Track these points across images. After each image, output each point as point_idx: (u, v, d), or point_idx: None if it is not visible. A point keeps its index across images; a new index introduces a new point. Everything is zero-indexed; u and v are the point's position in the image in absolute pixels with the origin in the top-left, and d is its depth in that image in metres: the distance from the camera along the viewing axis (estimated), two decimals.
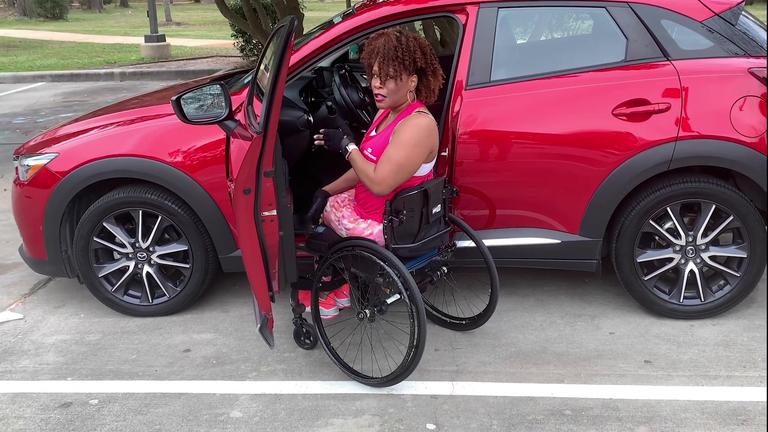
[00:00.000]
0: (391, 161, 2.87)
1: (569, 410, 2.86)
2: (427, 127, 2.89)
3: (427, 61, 2.92)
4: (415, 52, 2.88)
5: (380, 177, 2.89)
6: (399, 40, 2.89)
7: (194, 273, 3.74)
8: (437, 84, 2.98)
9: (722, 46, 3.31)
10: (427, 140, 2.88)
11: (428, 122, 2.90)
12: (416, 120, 2.90)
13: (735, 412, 2.81)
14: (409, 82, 2.94)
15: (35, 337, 3.67)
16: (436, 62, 2.96)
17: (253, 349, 3.45)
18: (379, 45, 2.90)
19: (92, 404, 3.05)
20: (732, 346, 3.28)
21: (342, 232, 3.12)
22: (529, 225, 3.51)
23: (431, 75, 2.96)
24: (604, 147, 3.30)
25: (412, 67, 2.91)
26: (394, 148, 2.87)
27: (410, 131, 2.87)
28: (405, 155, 2.86)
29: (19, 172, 3.85)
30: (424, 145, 2.87)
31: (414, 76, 2.94)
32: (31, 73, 13.38)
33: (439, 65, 2.98)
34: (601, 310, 3.68)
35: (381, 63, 2.89)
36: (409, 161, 2.87)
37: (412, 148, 2.86)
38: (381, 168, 2.89)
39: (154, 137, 3.62)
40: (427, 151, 2.90)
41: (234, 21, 11.06)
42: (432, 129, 2.90)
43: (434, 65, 2.95)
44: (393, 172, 2.87)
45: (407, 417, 2.87)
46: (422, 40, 2.96)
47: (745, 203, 3.31)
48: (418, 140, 2.86)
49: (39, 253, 3.85)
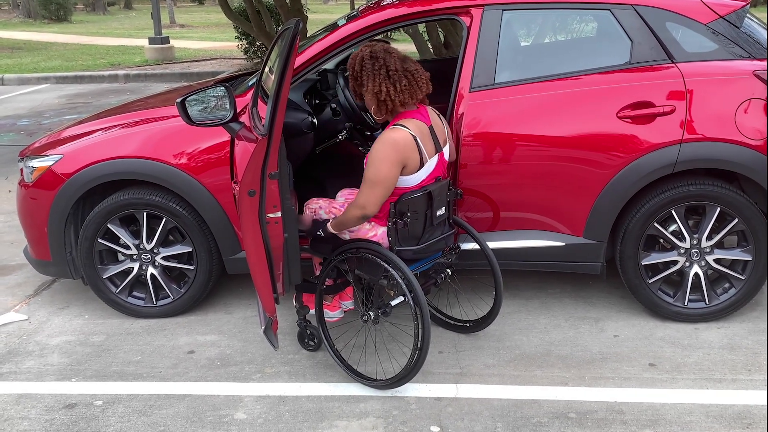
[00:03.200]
0: (366, 181, 2.89)
1: (574, 413, 2.86)
2: (392, 141, 2.85)
3: (357, 76, 2.97)
4: (350, 67, 2.97)
5: (362, 201, 2.91)
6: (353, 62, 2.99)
7: (198, 275, 3.74)
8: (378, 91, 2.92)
9: (727, 48, 3.31)
10: (394, 154, 2.84)
11: (395, 136, 2.87)
12: (384, 136, 2.89)
13: (740, 415, 2.80)
14: (367, 96, 2.99)
15: (40, 338, 3.67)
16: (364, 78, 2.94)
17: (257, 350, 3.45)
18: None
19: (97, 405, 3.06)
20: (737, 349, 3.28)
21: (345, 234, 3.13)
22: (534, 227, 3.51)
23: (363, 86, 2.96)
24: (609, 149, 3.30)
25: (359, 83, 2.99)
26: (367, 167, 2.90)
27: (376, 147, 2.88)
28: (374, 171, 2.86)
29: (24, 174, 3.86)
30: (391, 159, 2.84)
31: (363, 88, 2.98)
32: (35, 75, 13.42)
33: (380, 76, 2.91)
34: (605, 312, 3.68)
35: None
36: (379, 177, 2.85)
37: (379, 164, 2.85)
38: (361, 191, 2.92)
39: (159, 139, 3.62)
40: (397, 165, 2.86)
41: (238, 23, 11.07)
42: (398, 142, 2.86)
43: (361, 81, 2.96)
44: (369, 190, 2.88)
45: (411, 419, 2.87)
46: (364, 53, 2.96)
47: (749, 206, 3.31)
48: (384, 155, 2.85)
49: (43, 255, 3.85)
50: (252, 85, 3.65)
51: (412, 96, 2.97)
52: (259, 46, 13.19)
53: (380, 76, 2.92)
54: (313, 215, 3.28)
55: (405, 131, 2.89)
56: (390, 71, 2.93)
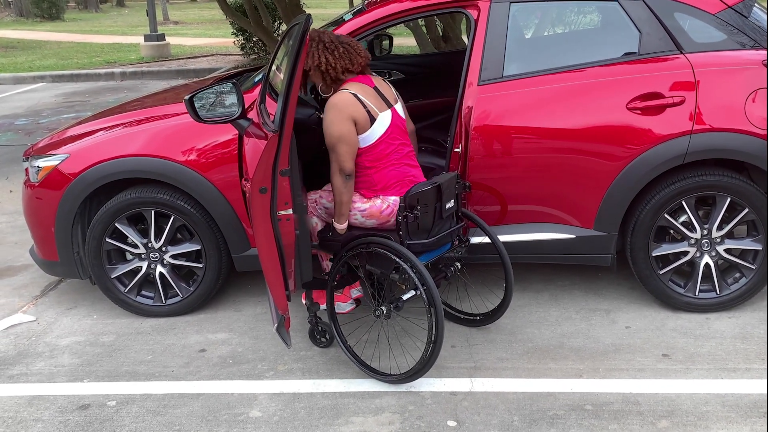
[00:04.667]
0: (329, 149, 3.08)
1: (590, 405, 2.86)
2: (332, 104, 3.05)
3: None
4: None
5: (334, 166, 3.06)
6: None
7: (207, 272, 3.73)
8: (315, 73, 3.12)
9: (735, 38, 3.30)
10: (338, 113, 3.03)
11: (332, 100, 3.07)
12: (327, 103, 3.09)
13: (756, 404, 2.80)
14: (316, 80, 3.18)
15: (49, 339, 3.66)
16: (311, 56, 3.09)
17: (269, 348, 3.45)
18: None
19: (110, 406, 3.05)
20: (749, 338, 3.28)
21: (356, 217, 3.13)
22: (543, 220, 3.50)
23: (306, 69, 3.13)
24: (619, 141, 3.30)
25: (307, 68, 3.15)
26: (325, 135, 3.08)
27: (325, 115, 3.08)
28: (329, 136, 3.05)
29: (30, 174, 3.83)
30: (338, 118, 3.03)
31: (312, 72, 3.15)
32: (31, 73, 13.35)
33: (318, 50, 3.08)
34: (616, 304, 3.68)
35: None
36: (334, 137, 3.03)
37: (330, 128, 3.04)
38: (330, 158, 3.08)
39: (166, 137, 3.61)
40: (346, 121, 3.03)
41: (235, 19, 11.03)
42: (337, 103, 3.05)
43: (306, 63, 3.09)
44: (335, 153, 3.05)
45: (427, 414, 2.86)
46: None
47: (759, 195, 3.31)
48: (330, 119, 3.04)
49: (51, 255, 3.83)
50: (258, 81, 3.63)
51: (352, 62, 3.11)
52: (256, 41, 13.15)
53: (318, 50, 3.09)
54: (315, 206, 3.30)
55: (341, 92, 3.07)
56: (325, 43, 3.11)
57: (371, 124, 3.08)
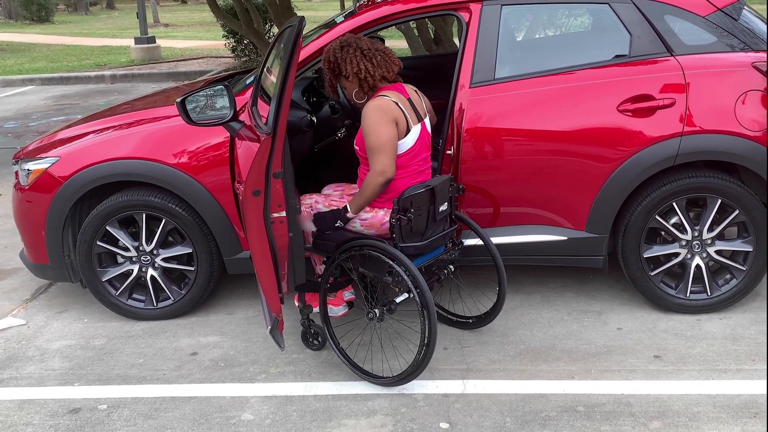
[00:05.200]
0: (373, 150, 3.01)
1: (582, 406, 2.87)
2: (376, 106, 3.03)
3: (334, 66, 3.12)
4: (324, 65, 3.15)
5: (379, 167, 3.00)
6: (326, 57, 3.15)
7: (199, 276, 3.72)
8: (357, 70, 3.06)
9: (725, 40, 3.32)
10: (384, 114, 3.00)
11: (376, 103, 3.04)
12: (367, 107, 3.06)
13: (747, 405, 2.82)
14: (348, 84, 3.13)
15: (39, 343, 3.64)
16: (343, 63, 3.07)
17: (260, 350, 3.44)
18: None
19: (101, 409, 3.03)
20: (740, 339, 3.30)
21: (355, 225, 3.12)
22: (536, 222, 3.51)
23: (345, 75, 3.10)
24: (610, 143, 3.31)
25: (335, 74, 3.14)
26: (367, 138, 3.03)
27: (366, 119, 3.03)
28: (375, 137, 3.00)
29: (20, 177, 3.81)
30: (384, 120, 3.00)
31: (342, 77, 3.12)
32: (20, 76, 13.28)
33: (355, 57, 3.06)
34: (608, 305, 3.69)
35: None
36: (381, 139, 3.00)
37: (376, 129, 3.00)
38: (372, 160, 3.02)
39: (157, 139, 3.59)
40: (391, 123, 3.02)
41: (226, 21, 11.01)
42: (381, 105, 3.03)
43: (343, 67, 3.08)
44: (380, 155, 3.00)
45: (420, 416, 2.86)
46: (333, 46, 3.12)
47: (750, 197, 3.33)
48: (376, 120, 3.00)
49: (41, 258, 3.81)
50: (250, 83, 3.63)
51: (389, 70, 3.10)
52: (247, 44, 13.13)
53: (357, 57, 3.06)
54: (310, 211, 3.27)
55: (383, 97, 3.05)
56: (363, 51, 3.08)
57: (406, 134, 3.05)
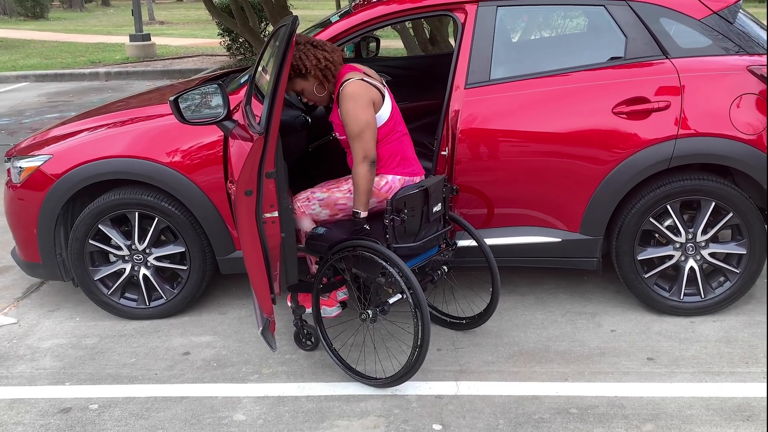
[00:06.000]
0: (354, 136, 3.05)
1: (575, 408, 2.86)
2: (351, 92, 3.06)
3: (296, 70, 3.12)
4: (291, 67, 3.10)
5: (360, 153, 3.04)
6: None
7: (192, 275, 3.70)
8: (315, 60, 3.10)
9: (720, 43, 3.32)
10: (360, 100, 3.05)
11: (349, 89, 3.07)
12: (342, 94, 3.08)
13: (740, 408, 2.82)
14: (307, 83, 3.15)
15: (30, 342, 3.61)
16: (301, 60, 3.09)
17: (253, 351, 3.42)
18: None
19: (92, 409, 3.01)
20: (733, 342, 3.30)
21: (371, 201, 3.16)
22: (530, 223, 3.51)
23: (306, 72, 3.12)
24: (605, 145, 3.31)
25: (296, 76, 3.14)
26: (347, 126, 3.07)
27: (344, 107, 3.07)
28: (355, 123, 3.04)
29: (12, 174, 3.79)
30: (361, 104, 3.05)
31: (308, 79, 3.14)
32: (13, 73, 13.22)
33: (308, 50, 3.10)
34: (602, 307, 3.69)
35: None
36: (361, 124, 3.04)
37: (354, 115, 3.04)
38: (354, 148, 3.06)
39: (150, 138, 3.58)
40: (368, 107, 3.07)
41: (221, 19, 10.97)
42: (355, 89, 3.06)
43: (302, 64, 3.10)
44: (360, 140, 3.04)
45: (413, 418, 2.85)
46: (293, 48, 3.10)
47: (744, 200, 3.33)
48: (353, 106, 3.04)
49: (33, 257, 3.79)
50: (244, 82, 3.61)
51: (339, 54, 3.18)
52: (242, 42, 13.10)
53: (311, 51, 3.11)
54: (305, 211, 3.26)
55: (351, 80, 3.08)
56: (313, 43, 3.15)
57: (382, 103, 3.14)
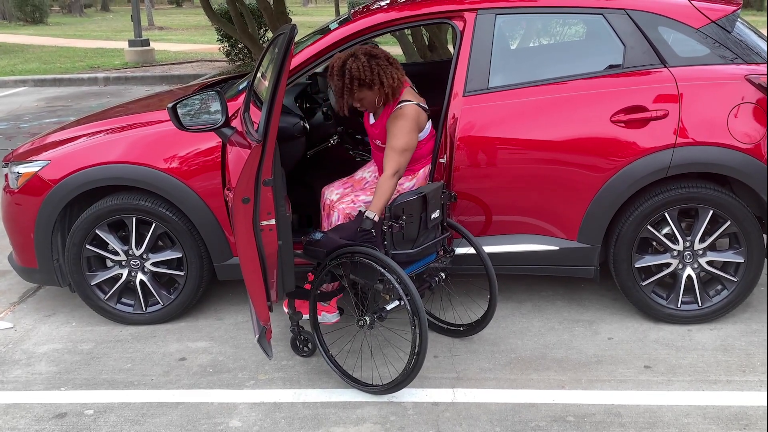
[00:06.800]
0: (396, 150, 3.18)
1: (572, 416, 2.85)
2: (408, 114, 3.22)
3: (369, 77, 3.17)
4: (353, 82, 3.18)
5: (396, 167, 3.16)
6: (342, 77, 3.19)
7: (189, 281, 3.69)
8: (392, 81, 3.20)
9: (719, 52, 3.33)
10: (413, 124, 3.23)
11: (410, 111, 3.23)
12: (401, 112, 3.22)
13: (736, 416, 2.81)
14: (372, 93, 3.22)
15: (26, 347, 3.60)
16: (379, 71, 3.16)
17: (249, 357, 3.41)
18: (333, 86, 3.29)
19: (88, 414, 3.00)
20: (730, 350, 3.30)
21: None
22: (527, 231, 3.51)
23: (377, 83, 3.19)
24: (603, 154, 3.31)
25: (359, 89, 3.19)
26: (394, 139, 3.19)
27: (399, 123, 3.20)
28: (404, 142, 3.19)
29: (9, 180, 3.78)
30: (413, 128, 3.23)
31: (373, 88, 3.20)
32: (12, 77, 13.22)
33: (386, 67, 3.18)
34: (599, 315, 3.69)
35: (337, 100, 3.32)
36: (409, 145, 3.22)
37: (407, 135, 3.20)
38: (389, 161, 3.17)
39: (148, 144, 3.57)
40: (416, 132, 3.26)
41: (220, 25, 11.00)
42: (414, 113, 3.23)
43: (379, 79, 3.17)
44: (400, 157, 3.19)
45: (409, 425, 2.85)
46: (361, 61, 3.16)
47: (742, 208, 3.33)
48: (409, 128, 3.21)
49: (30, 262, 3.78)
50: (243, 89, 3.61)
51: (404, 73, 3.30)
52: (241, 48, 13.12)
53: (389, 68, 3.20)
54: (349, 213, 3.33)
55: (410, 105, 3.25)
56: (389, 60, 3.24)
57: (426, 122, 3.33)
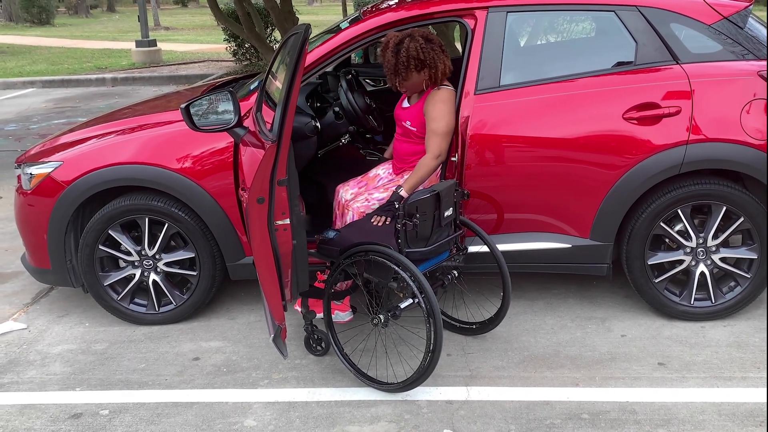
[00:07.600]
0: (439, 134, 3.25)
1: (586, 414, 2.85)
2: (448, 97, 3.30)
3: (425, 59, 3.23)
4: (410, 61, 3.22)
5: (438, 151, 3.24)
6: (397, 54, 3.25)
7: (201, 280, 3.70)
8: (443, 67, 3.27)
9: (731, 49, 3.32)
10: (452, 106, 3.32)
11: (449, 95, 3.32)
12: (442, 96, 3.29)
13: (752, 413, 2.81)
14: (420, 76, 3.27)
15: (40, 347, 3.62)
16: (434, 56, 3.23)
17: (263, 356, 3.42)
18: (384, 61, 3.34)
19: (103, 415, 3.02)
20: (744, 347, 3.29)
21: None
22: (540, 229, 3.50)
23: (432, 67, 3.25)
24: (615, 151, 3.30)
25: (414, 69, 3.24)
26: (435, 122, 3.26)
27: (440, 106, 3.26)
28: (445, 124, 3.26)
29: (22, 181, 3.80)
30: (452, 112, 3.31)
31: (423, 71, 3.25)
32: (20, 79, 13.27)
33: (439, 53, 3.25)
34: (611, 312, 3.68)
35: (389, 76, 3.36)
36: (449, 127, 3.29)
37: (448, 118, 3.27)
38: (433, 144, 3.25)
39: (160, 144, 3.59)
40: (454, 114, 3.33)
41: (227, 25, 11.00)
42: (450, 96, 3.31)
43: (433, 60, 3.24)
44: (443, 140, 3.26)
45: (424, 423, 2.85)
46: (419, 42, 3.23)
47: (755, 204, 3.32)
48: (449, 110, 3.28)
49: (43, 263, 3.80)
50: (254, 88, 3.62)
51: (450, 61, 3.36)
52: (248, 47, 13.13)
53: (442, 56, 3.26)
54: (364, 212, 3.30)
55: (450, 89, 3.33)
56: (441, 47, 3.29)
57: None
